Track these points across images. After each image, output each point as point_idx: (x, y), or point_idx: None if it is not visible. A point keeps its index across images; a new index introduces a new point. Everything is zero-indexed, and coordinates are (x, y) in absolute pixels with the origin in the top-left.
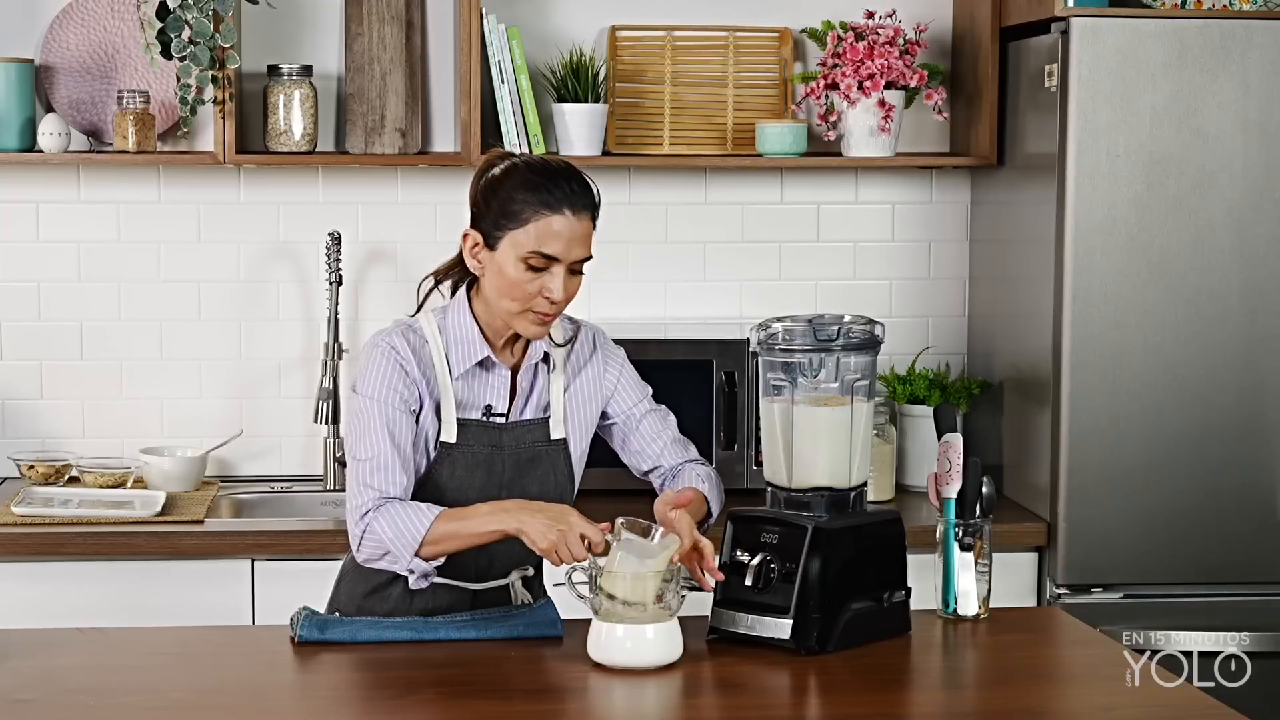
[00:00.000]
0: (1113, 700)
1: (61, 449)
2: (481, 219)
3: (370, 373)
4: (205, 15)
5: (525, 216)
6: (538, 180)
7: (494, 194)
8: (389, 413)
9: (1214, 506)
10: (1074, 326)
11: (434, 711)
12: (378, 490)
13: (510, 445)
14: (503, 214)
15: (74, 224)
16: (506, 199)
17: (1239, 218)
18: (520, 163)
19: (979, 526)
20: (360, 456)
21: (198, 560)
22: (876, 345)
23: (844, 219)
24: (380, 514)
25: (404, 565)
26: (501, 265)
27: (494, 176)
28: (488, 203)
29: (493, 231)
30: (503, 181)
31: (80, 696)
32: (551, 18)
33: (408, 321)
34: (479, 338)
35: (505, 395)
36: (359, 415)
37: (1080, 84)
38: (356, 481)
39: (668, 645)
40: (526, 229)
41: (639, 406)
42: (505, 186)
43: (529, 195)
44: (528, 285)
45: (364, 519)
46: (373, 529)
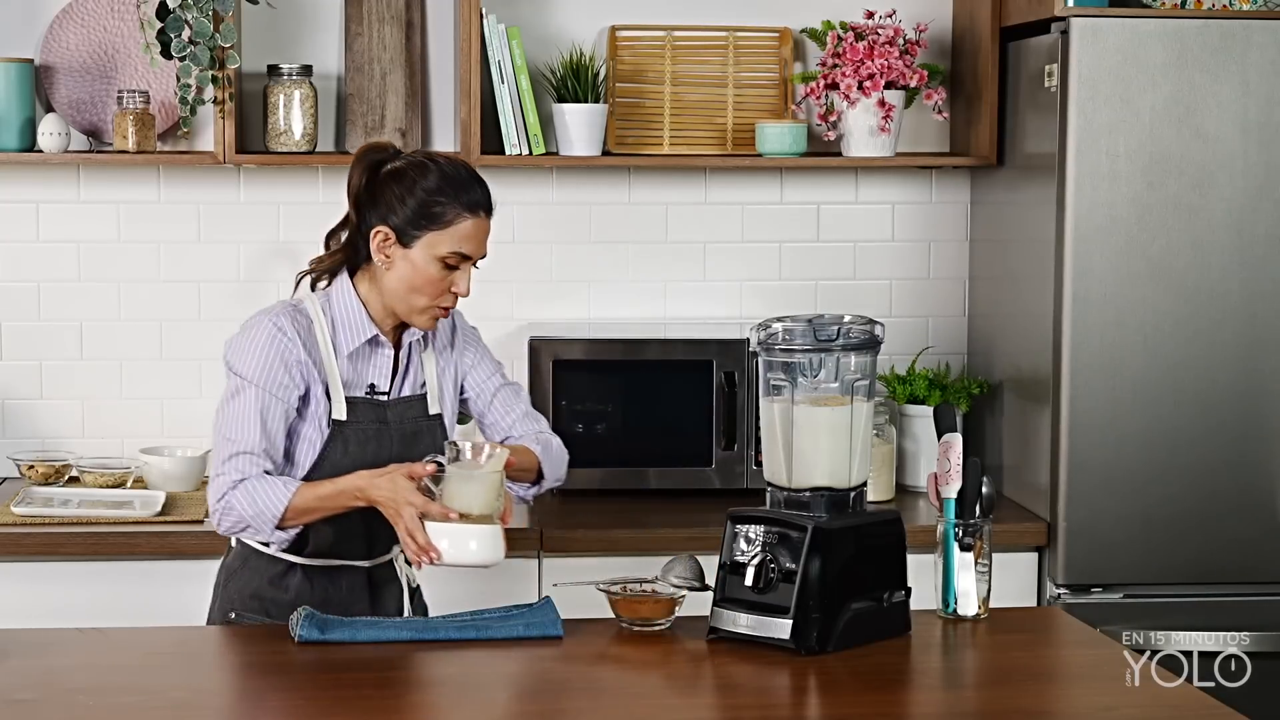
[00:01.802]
0: (1113, 700)
1: (61, 449)
2: (392, 215)
3: (250, 353)
4: (205, 15)
5: (448, 219)
6: (459, 183)
7: (408, 192)
8: (264, 398)
9: (1214, 506)
10: (1074, 326)
11: (433, 711)
12: (239, 474)
13: (395, 421)
14: (423, 215)
15: (74, 224)
16: (427, 200)
17: (1239, 218)
18: (433, 163)
19: (979, 526)
20: (229, 436)
21: (198, 560)
22: (876, 345)
23: (844, 219)
24: (239, 490)
25: (265, 537)
26: (415, 262)
27: (400, 171)
28: (401, 200)
29: (409, 230)
30: (418, 181)
31: (80, 696)
32: (551, 18)
33: (290, 302)
34: (366, 318)
35: (388, 374)
36: (235, 396)
37: (1080, 84)
38: (220, 458)
39: (489, 547)
40: (447, 230)
41: (491, 381)
42: (423, 187)
43: (450, 198)
44: (439, 281)
45: (224, 499)
46: (231, 506)
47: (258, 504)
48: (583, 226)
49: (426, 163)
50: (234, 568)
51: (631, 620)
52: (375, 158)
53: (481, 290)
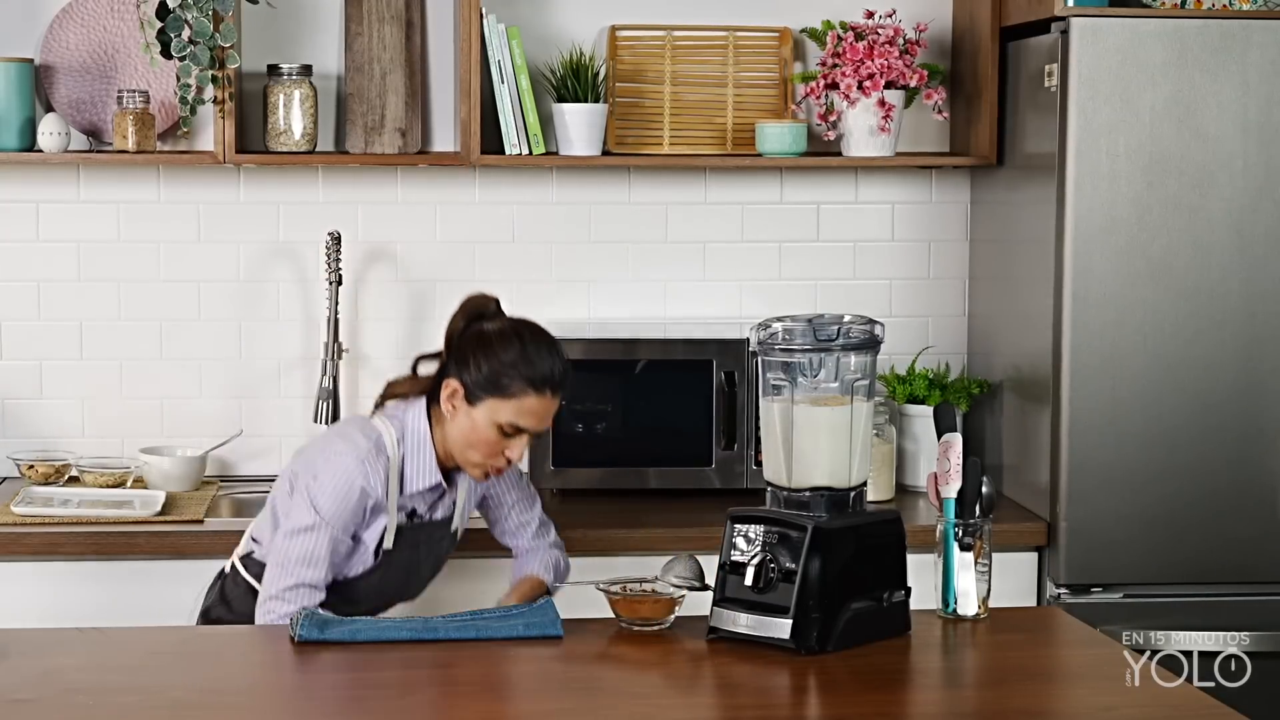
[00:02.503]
0: (1113, 700)
1: (61, 449)
2: (465, 372)
3: (335, 496)
4: (205, 15)
5: (513, 391)
6: (534, 361)
7: (485, 356)
8: (336, 536)
9: (1214, 506)
10: (1074, 326)
11: (434, 711)
12: (300, 605)
13: (425, 543)
14: (492, 382)
15: (74, 224)
16: (499, 369)
17: (1239, 218)
18: (518, 336)
19: (979, 526)
20: (296, 568)
21: (198, 560)
22: (876, 345)
23: (844, 219)
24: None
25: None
26: (476, 421)
27: (487, 335)
28: (477, 363)
29: (476, 390)
30: (497, 348)
31: (80, 696)
32: (551, 18)
33: (376, 431)
34: (435, 464)
35: (430, 502)
36: (309, 530)
37: (1080, 84)
38: (282, 583)
39: None
40: (510, 403)
41: (510, 495)
42: (499, 355)
43: (520, 372)
44: (494, 445)
45: (280, 617)
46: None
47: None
48: (583, 226)
49: (513, 335)
50: (239, 610)
51: (631, 620)
52: (476, 309)
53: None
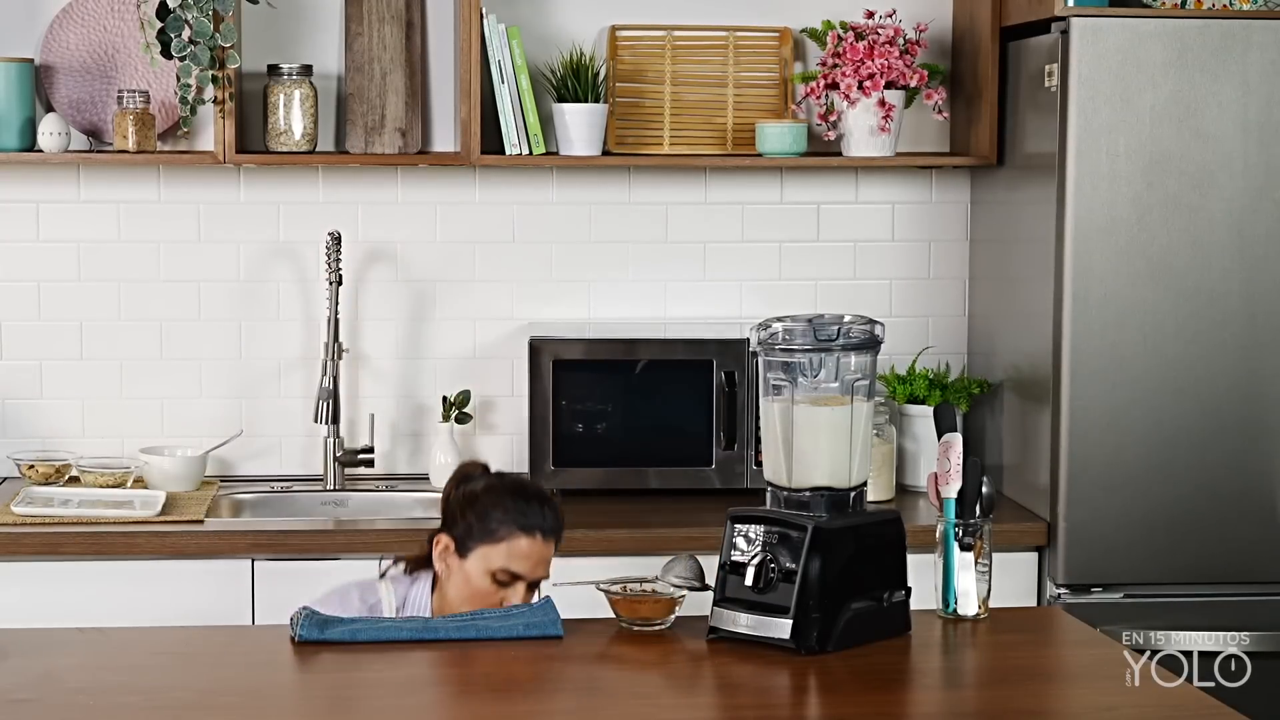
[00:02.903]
0: (1113, 700)
1: (61, 449)
2: (454, 526)
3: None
4: (205, 15)
5: (500, 535)
6: (515, 503)
7: (471, 507)
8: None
9: (1214, 506)
10: (1074, 326)
11: (434, 711)
12: None
13: None
14: (480, 528)
15: (74, 224)
16: (484, 515)
17: (1239, 218)
18: (500, 483)
19: (979, 526)
20: None
21: (198, 560)
22: (876, 345)
23: (844, 219)
24: None
25: None
26: (469, 574)
27: (473, 491)
28: (464, 513)
29: (466, 541)
30: (481, 498)
31: (80, 696)
32: (551, 18)
33: (376, 597)
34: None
35: None
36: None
37: (1080, 84)
38: None
39: None
40: (499, 546)
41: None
42: (483, 503)
43: (506, 515)
44: (490, 596)
45: None
46: None
47: None
48: (583, 226)
49: (500, 487)
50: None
51: (631, 620)
52: (465, 473)
53: (482, 290)
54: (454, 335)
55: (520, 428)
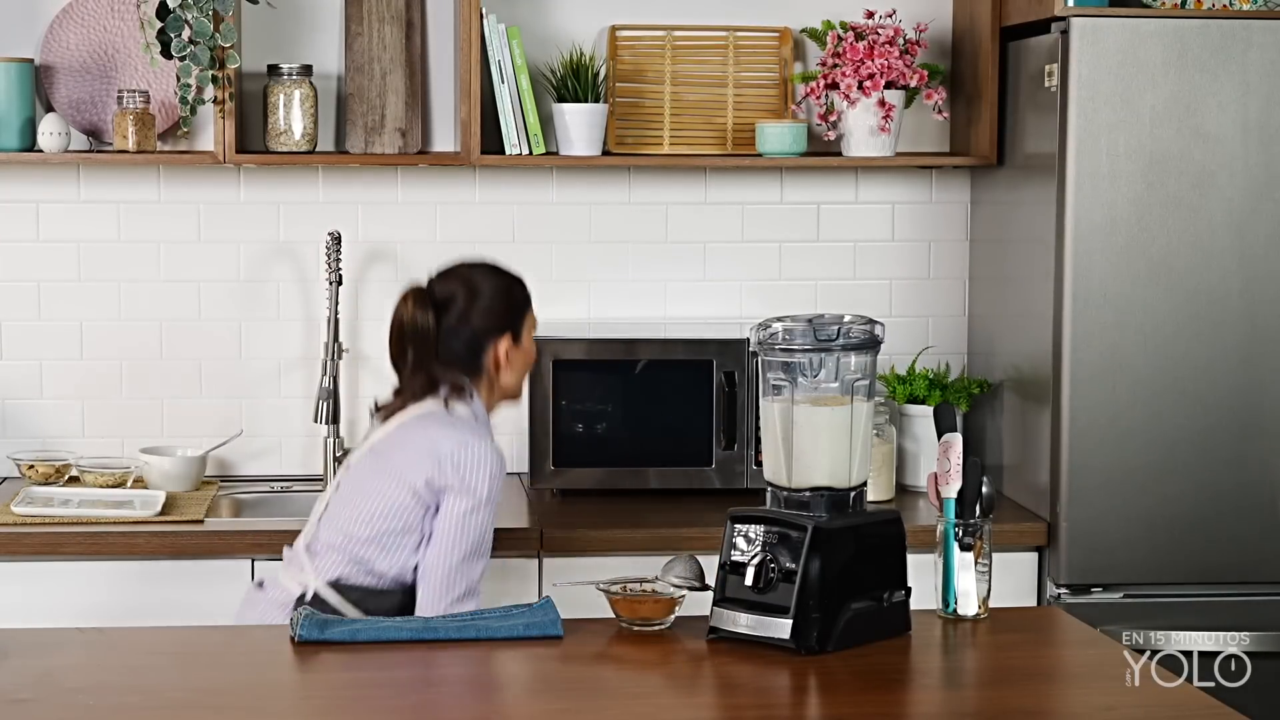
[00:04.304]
0: (1113, 700)
1: (61, 449)
2: (502, 327)
3: (494, 481)
4: (205, 15)
5: (527, 298)
6: (506, 269)
7: (510, 299)
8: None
9: (1214, 506)
10: (1074, 326)
11: (434, 711)
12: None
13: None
14: (521, 310)
15: (74, 224)
16: (520, 298)
17: (1239, 218)
18: (478, 271)
19: (979, 526)
20: (482, 551)
21: (198, 560)
22: (876, 345)
23: (844, 219)
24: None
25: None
26: (526, 348)
27: (479, 287)
28: (507, 308)
29: (517, 325)
30: (510, 288)
31: (80, 696)
32: (551, 18)
33: (472, 414)
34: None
35: None
36: (480, 509)
37: (1080, 84)
38: (477, 573)
39: None
40: (531, 310)
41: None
42: (513, 291)
43: (520, 284)
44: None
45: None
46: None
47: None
48: (583, 226)
49: (474, 273)
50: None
51: (631, 620)
52: (426, 298)
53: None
54: None
55: (520, 428)
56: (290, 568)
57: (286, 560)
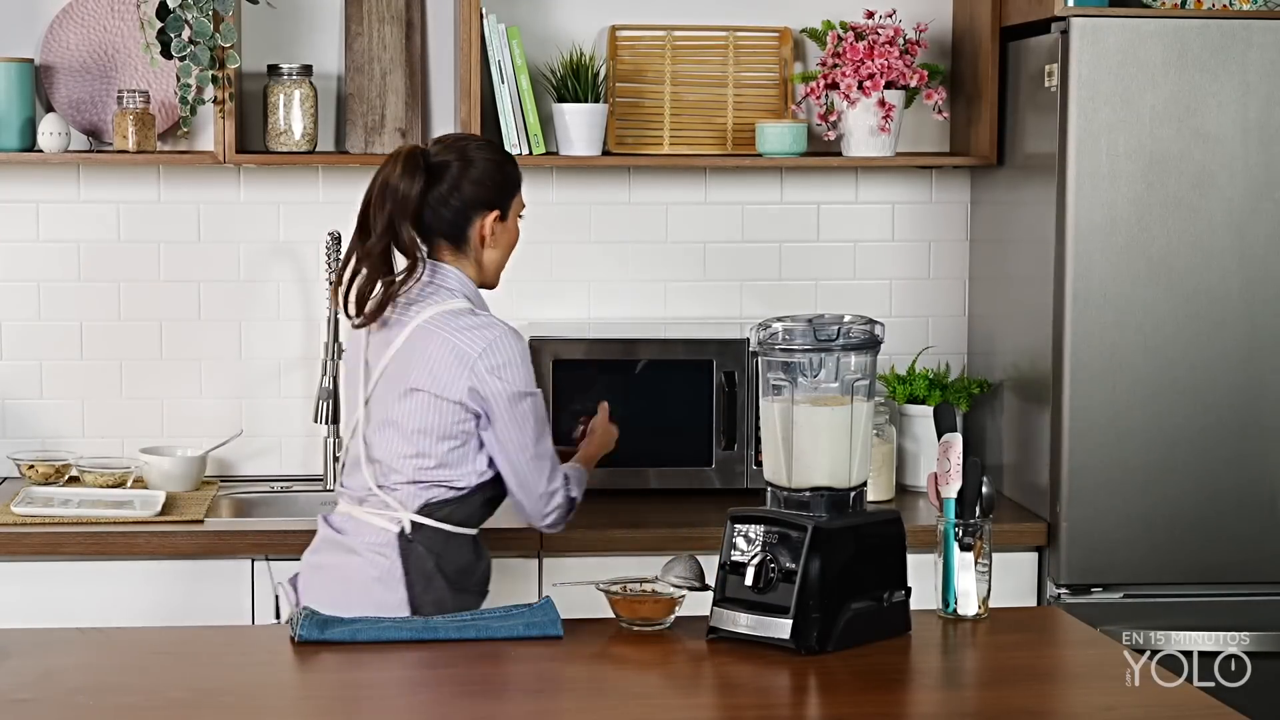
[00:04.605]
0: (1113, 700)
1: (61, 449)
2: (490, 202)
3: (526, 366)
4: (205, 15)
5: (519, 179)
6: (502, 149)
7: (503, 174)
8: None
9: (1214, 506)
10: (1074, 326)
11: (434, 711)
12: (563, 484)
13: None
14: (512, 188)
15: (74, 224)
16: (512, 176)
17: (1239, 218)
18: (473, 145)
19: (979, 526)
20: (548, 446)
21: (198, 560)
22: (876, 345)
23: (844, 219)
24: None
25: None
26: (511, 228)
27: (496, 162)
28: (499, 183)
29: (506, 204)
30: (503, 164)
31: (80, 696)
32: (551, 18)
33: (485, 309)
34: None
35: None
36: (537, 409)
37: (1080, 84)
38: (550, 469)
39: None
40: (521, 193)
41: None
42: (505, 168)
43: (512, 163)
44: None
45: (565, 504)
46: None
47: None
48: (583, 226)
49: (469, 145)
50: (438, 551)
51: (631, 620)
52: (418, 161)
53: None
54: None
55: None
56: (367, 507)
57: (352, 499)
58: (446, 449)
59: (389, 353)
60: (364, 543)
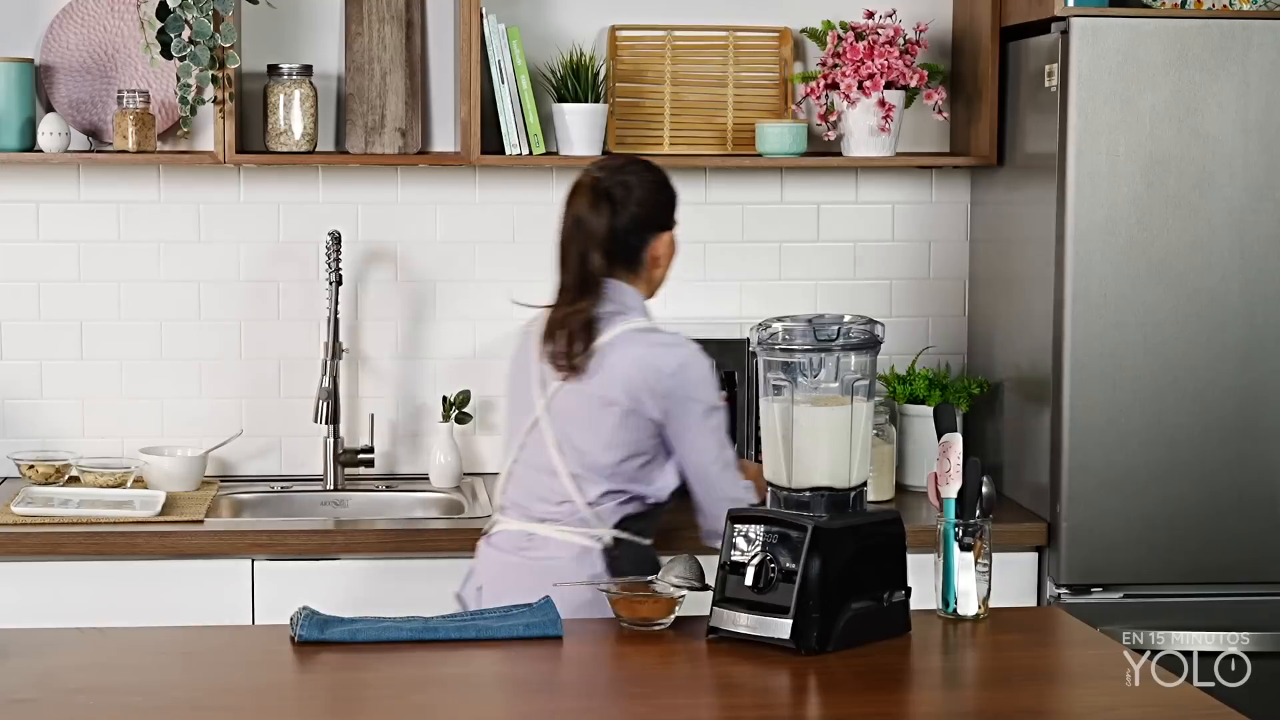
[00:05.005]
0: (1113, 700)
1: (61, 449)
2: (662, 224)
3: (714, 379)
4: (205, 15)
5: (676, 196)
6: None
7: (667, 194)
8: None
9: (1214, 506)
10: (1074, 326)
11: (434, 711)
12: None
13: None
14: (674, 204)
15: (74, 224)
16: (672, 192)
17: (1239, 218)
18: (648, 163)
19: (979, 526)
20: (734, 459)
21: (198, 560)
22: (876, 345)
23: (844, 219)
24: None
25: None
26: (674, 243)
27: (659, 183)
28: (666, 203)
29: (672, 223)
30: (666, 183)
31: (80, 696)
32: (551, 18)
33: (655, 323)
34: None
35: None
36: (724, 421)
37: (1080, 84)
38: (736, 476)
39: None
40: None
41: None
42: (668, 186)
43: (670, 181)
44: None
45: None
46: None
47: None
48: None
49: (633, 170)
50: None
51: (631, 620)
52: (594, 187)
53: (482, 290)
54: (454, 335)
55: None
56: (557, 525)
57: (529, 515)
58: (639, 464)
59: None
60: (554, 557)
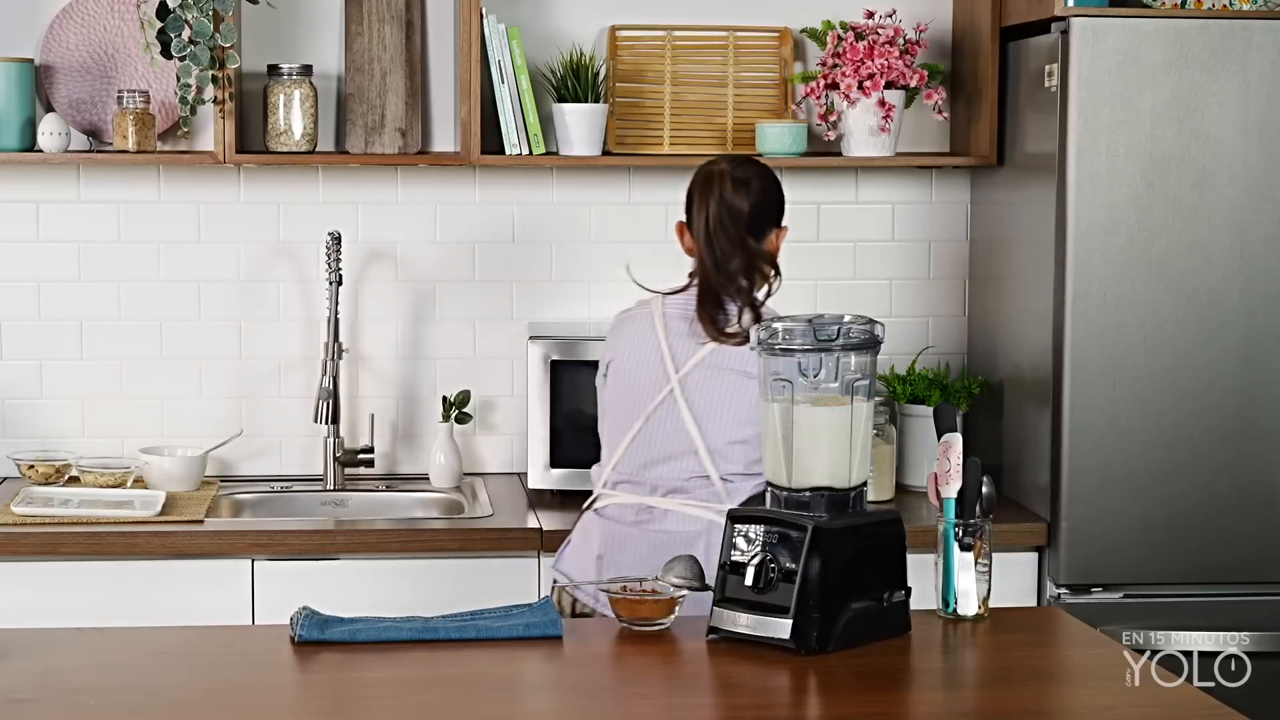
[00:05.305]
0: (1113, 700)
1: (61, 449)
2: (779, 217)
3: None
4: (205, 15)
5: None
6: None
7: (780, 190)
8: None
9: (1214, 506)
10: (1074, 326)
11: (434, 711)
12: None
13: None
14: (784, 202)
15: (74, 224)
16: (782, 190)
17: (1239, 218)
18: (752, 159)
19: (979, 526)
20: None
21: (198, 560)
22: (876, 345)
23: (844, 219)
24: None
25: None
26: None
27: (775, 178)
28: (780, 200)
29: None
30: (778, 179)
31: (80, 696)
32: (551, 18)
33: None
34: None
35: None
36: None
37: (1080, 84)
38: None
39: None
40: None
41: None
42: (780, 183)
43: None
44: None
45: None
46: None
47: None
48: (583, 226)
49: (753, 164)
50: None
51: (631, 620)
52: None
53: (481, 290)
54: (454, 335)
55: (520, 428)
56: (687, 499)
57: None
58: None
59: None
60: (671, 531)
